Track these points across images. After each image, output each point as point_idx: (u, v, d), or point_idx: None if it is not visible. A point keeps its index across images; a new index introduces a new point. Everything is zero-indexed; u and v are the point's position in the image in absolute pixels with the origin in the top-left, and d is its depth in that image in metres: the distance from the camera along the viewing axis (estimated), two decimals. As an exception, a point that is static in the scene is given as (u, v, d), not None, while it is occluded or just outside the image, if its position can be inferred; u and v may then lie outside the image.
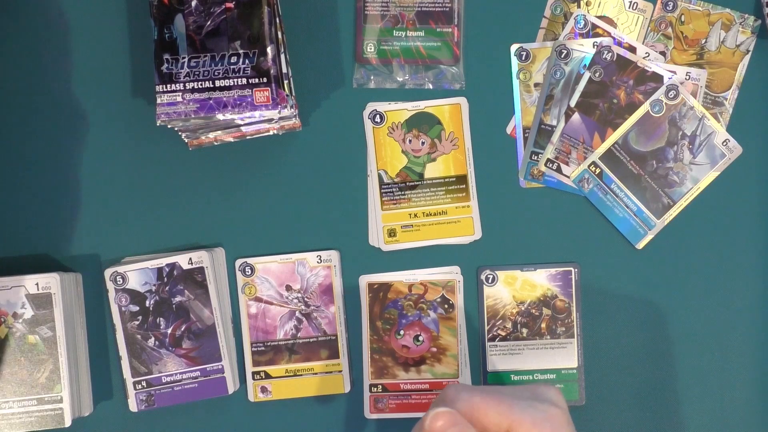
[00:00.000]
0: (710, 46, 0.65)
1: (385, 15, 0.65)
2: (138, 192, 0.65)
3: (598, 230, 0.65)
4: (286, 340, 0.65)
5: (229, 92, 0.58)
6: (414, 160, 0.65)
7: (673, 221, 0.65)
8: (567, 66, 0.64)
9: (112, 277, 0.62)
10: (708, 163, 0.64)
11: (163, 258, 0.62)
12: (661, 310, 0.65)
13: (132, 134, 0.65)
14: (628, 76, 0.64)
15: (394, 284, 0.65)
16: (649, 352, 0.66)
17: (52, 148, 0.65)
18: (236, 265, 0.65)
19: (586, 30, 0.65)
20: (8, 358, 0.61)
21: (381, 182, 0.65)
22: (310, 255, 0.65)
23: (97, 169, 0.65)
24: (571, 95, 0.64)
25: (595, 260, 0.65)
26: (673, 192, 0.64)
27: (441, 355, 0.64)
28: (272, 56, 0.59)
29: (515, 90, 0.65)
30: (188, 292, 0.62)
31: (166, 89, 0.59)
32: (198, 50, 0.59)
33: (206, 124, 0.61)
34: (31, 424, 0.60)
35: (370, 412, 0.65)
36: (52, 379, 0.61)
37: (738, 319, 0.65)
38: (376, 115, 0.65)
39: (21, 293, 0.61)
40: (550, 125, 0.65)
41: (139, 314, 0.62)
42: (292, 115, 0.62)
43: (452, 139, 0.65)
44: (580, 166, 0.64)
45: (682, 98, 0.64)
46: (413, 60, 0.65)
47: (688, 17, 0.65)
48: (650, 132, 0.64)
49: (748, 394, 0.65)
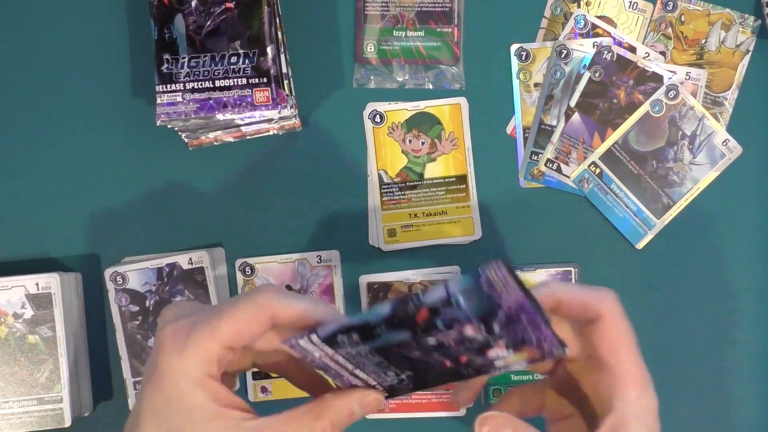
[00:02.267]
0: (710, 46, 0.65)
1: (385, 15, 0.65)
2: (138, 192, 0.65)
3: (598, 230, 0.65)
4: (286, 340, 0.65)
5: (229, 92, 0.58)
6: (414, 160, 0.65)
7: (673, 221, 0.65)
8: (567, 66, 0.64)
9: (112, 277, 0.62)
10: (708, 163, 0.64)
11: (163, 258, 0.62)
12: (661, 310, 0.65)
13: (132, 134, 0.65)
14: (628, 76, 0.64)
15: (394, 284, 0.65)
16: (649, 352, 0.65)
17: (52, 148, 0.65)
18: (236, 265, 0.65)
19: (586, 30, 0.65)
20: (8, 358, 0.61)
21: (381, 182, 0.65)
22: (310, 255, 0.65)
23: (97, 169, 0.65)
24: (571, 95, 0.64)
25: (595, 260, 0.65)
26: (673, 192, 0.64)
27: (441, 355, 0.64)
28: (272, 56, 0.59)
29: (515, 90, 0.65)
30: (188, 292, 0.62)
31: (166, 89, 0.59)
32: (198, 50, 0.59)
33: (206, 124, 0.61)
34: (31, 424, 0.60)
35: (370, 412, 0.64)
36: (52, 379, 0.61)
37: (738, 319, 0.65)
38: (376, 115, 0.65)
39: (21, 293, 0.61)
40: (550, 125, 0.65)
41: (139, 314, 0.62)
42: (292, 115, 0.62)
43: (452, 139, 0.65)
44: (580, 166, 0.64)
45: (682, 98, 0.64)
46: (413, 60, 0.65)
47: (688, 17, 0.65)
48: (650, 132, 0.64)
49: (748, 394, 0.65)
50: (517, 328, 0.38)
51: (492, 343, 0.39)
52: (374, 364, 0.42)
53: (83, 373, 0.64)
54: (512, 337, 0.39)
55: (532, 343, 0.39)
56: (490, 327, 0.38)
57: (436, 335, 0.38)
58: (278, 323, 0.44)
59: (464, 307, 0.37)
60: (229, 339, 0.43)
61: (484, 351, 0.39)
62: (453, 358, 0.40)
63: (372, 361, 0.41)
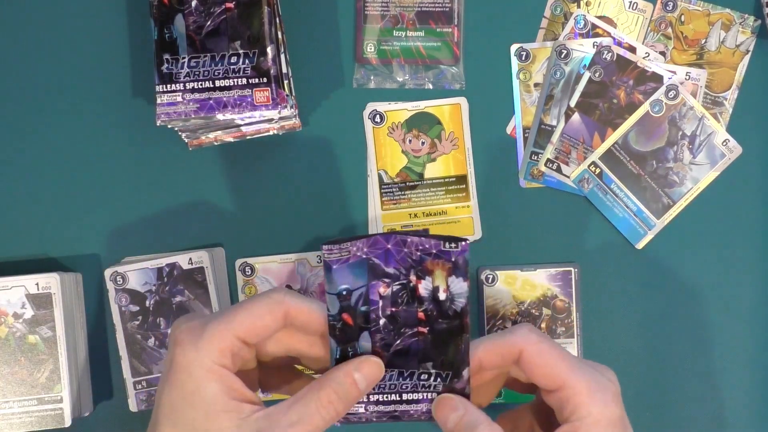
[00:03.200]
0: (710, 46, 0.65)
1: (385, 15, 0.65)
2: (138, 192, 0.65)
3: (598, 230, 0.65)
4: (286, 340, 0.65)
5: (229, 92, 0.58)
6: (414, 160, 0.65)
7: (673, 221, 0.65)
8: (567, 66, 0.64)
9: (112, 277, 0.62)
10: (708, 163, 0.64)
11: (163, 258, 0.62)
12: (660, 310, 0.65)
13: (132, 134, 0.65)
14: (628, 76, 0.64)
15: (394, 284, 0.65)
16: (649, 352, 0.66)
17: (51, 148, 0.65)
18: (236, 265, 0.65)
19: (586, 30, 0.65)
20: (8, 358, 0.61)
21: (381, 182, 0.65)
22: (310, 255, 0.65)
23: (97, 169, 0.65)
24: (571, 95, 0.64)
25: (595, 260, 0.65)
26: (673, 192, 0.64)
27: (441, 355, 0.64)
28: (272, 56, 0.59)
29: (515, 90, 0.65)
30: (188, 292, 0.62)
31: (166, 89, 0.59)
32: (198, 50, 0.59)
33: (206, 124, 0.61)
34: (31, 424, 0.60)
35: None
36: (52, 379, 0.61)
37: (738, 319, 0.65)
38: (376, 115, 0.65)
39: (21, 293, 0.61)
40: (550, 125, 0.65)
41: (139, 314, 0.62)
42: (292, 115, 0.62)
43: (452, 139, 0.65)
44: (580, 166, 0.64)
45: (682, 98, 0.64)
46: (413, 60, 0.65)
47: (688, 17, 0.65)
48: (650, 132, 0.64)
49: (748, 394, 0.65)
50: (401, 258, 0.45)
51: (408, 283, 0.45)
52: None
53: (83, 373, 0.64)
54: (410, 265, 0.45)
55: (429, 255, 0.45)
56: (382, 272, 0.45)
57: (377, 314, 0.45)
58: (291, 321, 0.45)
59: (352, 285, 0.45)
60: (244, 331, 0.43)
61: (416, 294, 0.45)
62: (415, 321, 0.46)
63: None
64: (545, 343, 0.45)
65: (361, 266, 0.45)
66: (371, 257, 0.45)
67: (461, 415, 0.44)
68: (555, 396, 0.44)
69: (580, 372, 0.44)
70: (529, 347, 0.44)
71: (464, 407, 0.45)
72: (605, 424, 0.43)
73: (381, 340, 0.46)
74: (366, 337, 0.45)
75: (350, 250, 0.45)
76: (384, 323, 0.45)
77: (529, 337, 0.45)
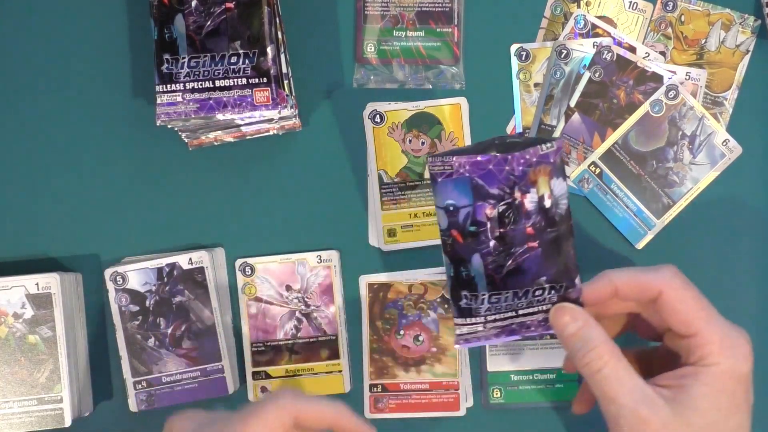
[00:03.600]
0: (710, 46, 0.65)
1: (385, 15, 0.65)
2: (138, 192, 0.65)
3: (598, 230, 0.65)
4: (286, 340, 0.65)
5: (229, 92, 0.58)
6: (414, 160, 0.65)
7: (673, 221, 0.65)
8: (567, 66, 0.64)
9: (112, 277, 0.62)
10: (708, 163, 0.64)
11: (163, 258, 0.62)
12: (661, 310, 0.65)
13: (132, 134, 0.65)
14: (628, 76, 0.64)
15: (394, 284, 0.65)
16: (649, 352, 0.65)
17: (51, 148, 0.65)
18: (236, 265, 0.65)
19: (586, 30, 0.65)
20: (8, 358, 0.61)
21: (381, 182, 0.65)
22: (310, 255, 0.65)
23: (97, 169, 0.65)
24: (571, 95, 0.64)
25: (595, 260, 0.65)
26: (672, 192, 0.64)
27: (441, 355, 0.64)
28: (272, 56, 0.59)
29: (515, 90, 0.65)
30: (188, 292, 0.62)
31: (166, 89, 0.59)
32: (198, 50, 0.59)
33: (206, 124, 0.61)
34: (31, 424, 0.60)
35: (370, 412, 0.65)
36: (52, 379, 0.61)
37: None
38: (376, 115, 0.65)
39: (21, 293, 0.61)
40: (550, 125, 0.65)
41: (139, 314, 0.62)
42: (292, 115, 0.62)
43: (452, 139, 0.65)
44: (580, 166, 0.64)
45: (682, 98, 0.64)
46: (413, 60, 0.65)
47: (688, 17, 0.65)
48: (650, 132, 0.64)
49: (748, 394, 0.65)
50: (503, 177, 0.45)
51: (513, 201, 0.45)
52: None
53: (83, 373, 0.64)
54: (513, 182, 0.45)
55: (530, 166, 0.44)
56: (486, 193, 0.45)
57: (486, 236, 0.45)
58: (300, 423, 0.45)
59: (457, 202, 0.45)
60: None
61: (522, 210, 0.45)
62: (524, 237, 0.46)
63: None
64: (688, 291, 0.45)
65: (464, 184, 0.45)
66: (474, 177, 0.45)
67: (580, 326, 0.44)
68: (685, 341, 0.44)
69: (716, 324, 0.44)
70: (671, 291, 0.45)
71: (584, 320, 0.45)
72: (729, 376, 0.43)
73: (493, 263, 0.45)
74: (477, 259, 0.45)
75: (453, 165, 0.45)
76: (494, 245, 0.45)
77: (673, 281, 0.45)
